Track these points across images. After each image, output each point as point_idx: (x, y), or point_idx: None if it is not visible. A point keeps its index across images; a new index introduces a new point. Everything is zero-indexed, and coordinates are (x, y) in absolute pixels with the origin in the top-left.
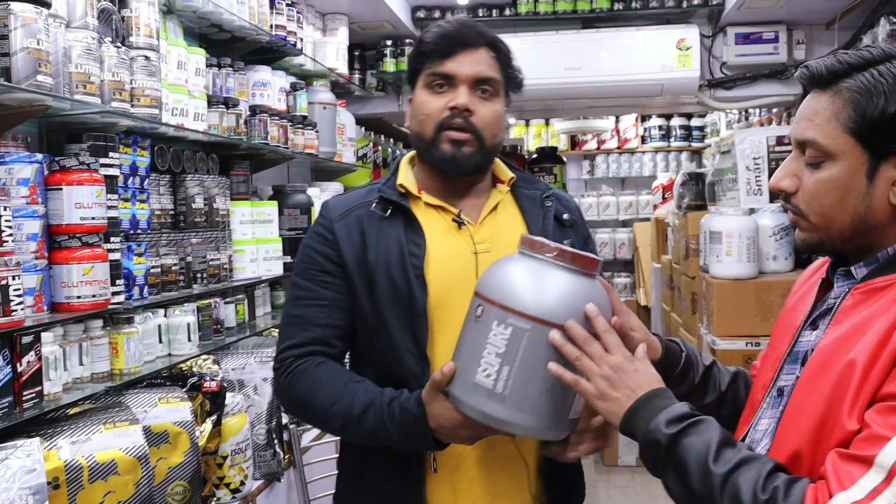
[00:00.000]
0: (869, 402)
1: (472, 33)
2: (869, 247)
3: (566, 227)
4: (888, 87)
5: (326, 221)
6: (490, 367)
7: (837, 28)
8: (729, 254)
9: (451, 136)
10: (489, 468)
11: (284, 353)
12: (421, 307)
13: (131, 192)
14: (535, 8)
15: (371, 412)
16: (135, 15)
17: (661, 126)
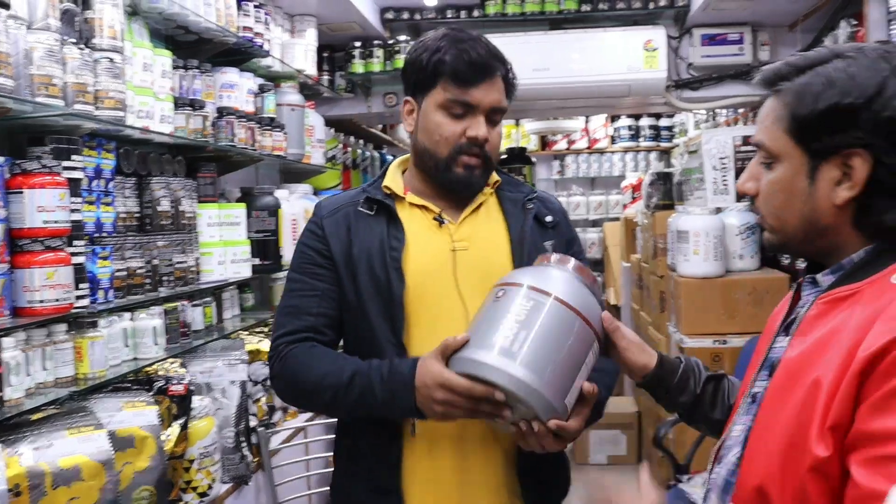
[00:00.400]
0: (834, 426)
1: (494, 62)
2: (830, 249)
3: (548, 229)
4: (820, 88)
5: (317, 219)
6: (508, 331)
7: (800, 30)
8: (696, 253)
9: (466, 162)
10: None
11: (278, 341)
12: (398, 298)
13: (96, 194)
14: (503, 9)
15: (358, 378)
16: (98, 16)
17: (631, 126)
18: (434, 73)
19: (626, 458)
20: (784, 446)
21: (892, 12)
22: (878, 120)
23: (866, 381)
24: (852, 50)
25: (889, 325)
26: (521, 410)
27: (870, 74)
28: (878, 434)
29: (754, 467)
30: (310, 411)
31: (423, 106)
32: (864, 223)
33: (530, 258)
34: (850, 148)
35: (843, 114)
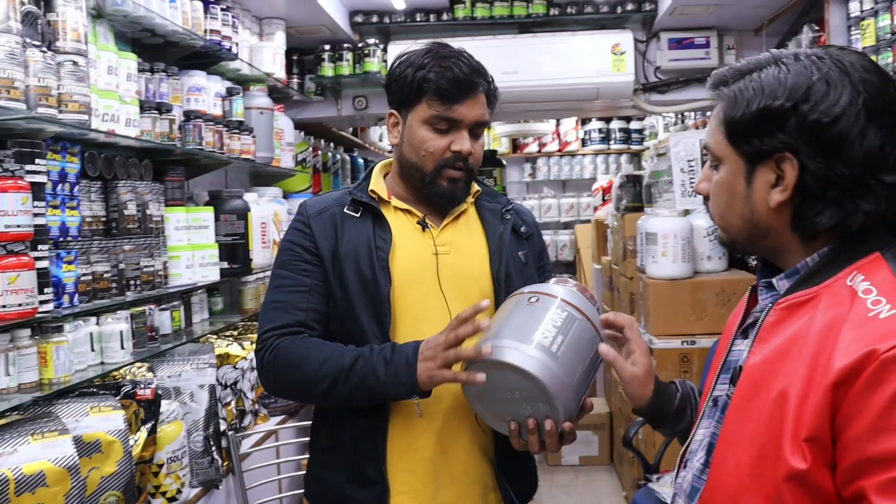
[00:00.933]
0: (809, 437)
1: (478, 78)
2: (774, 250)
3: (523, 239)
4: (752, 92)
5: (304, 218)
6: (548, 332)
7: (765, 34)
8: (664, 254)
9: (451, 175)
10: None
11: (267, 334)
12: (385, 295)
13: (60, 198)
14: (472, 13)
15: (360, 361)
16: (62, 19)
17: (601, 129)
18: (419, 90)
19: (599, 459)
20: (754, 457)
21: (851, 18)
22: (804, 124)
23: (845, 395)
24: (790, 56)
25: (859, 334)
26: (539, 408)
27: (799, 79)
28: (882, 457)
29: (724, 476)
30: (300, 401)
31: (408, 120)
32: (799, 226)
33: (507, 265)
34: (779, 151)
35: (771, 117)
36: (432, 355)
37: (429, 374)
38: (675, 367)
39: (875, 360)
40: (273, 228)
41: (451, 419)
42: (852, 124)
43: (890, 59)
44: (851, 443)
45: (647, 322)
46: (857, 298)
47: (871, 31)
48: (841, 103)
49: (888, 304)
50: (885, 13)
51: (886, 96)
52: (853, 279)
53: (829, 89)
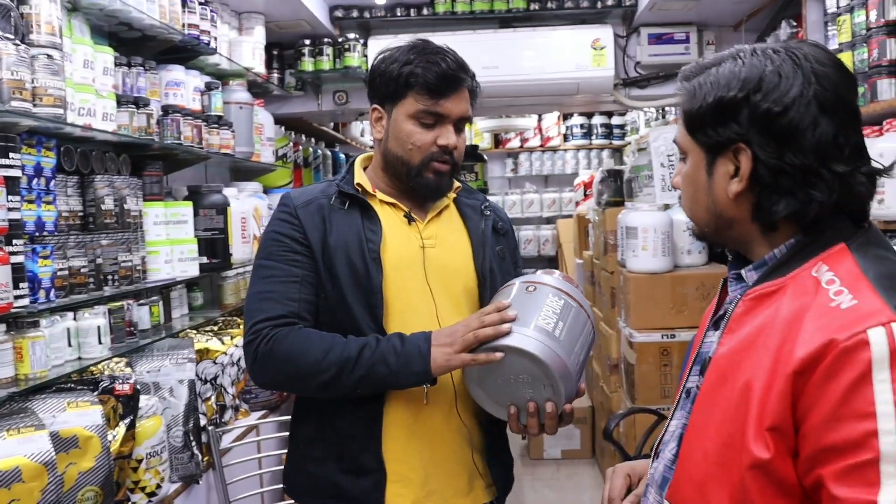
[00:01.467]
0: (772, 427)
1: (463, 73)
2: (740, 240)
3: (500, 235)
4: (709, 86)
5: (290, 208)
6: (550, 318)
7: (744, 30)
8: (645, 248)
9: (437, 168)
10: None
11: (260, 325)
12: (377, 286)
13: (36, 193)
14: (452, 7)
15: (367, 350)
16: (35, 12)
17: (583, 124)
18: (406, 85)
19: (581, 453)
20: (720, 446)
21: (828, 14)
22: (756, 114)
23: (805, 384)
24: (748, 50)
25: (820, 324)
26: (541, 391)
27: (752, 72)
28: (840, 445)
29: (691, 465)
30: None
31: (394, 115)
32: (759, 217)
33: (489, 260)
34: (734, 142)
35: (725, 108)
36: (450, 341)
37: (446, 358)
38: (656, 360)
39: (834, 349)
40: (253, 223)
41: (444, 405)
42: (803, 114)
43: (865, 55)
44: (811, 432)
45: (628, 316)
46: (820, 289)
47: (847, 26)
48: (791, 94)
49: (850, 294)
50: (861, 9)
51: (841, 88)
52: (818, 270)
53: (781, 80)
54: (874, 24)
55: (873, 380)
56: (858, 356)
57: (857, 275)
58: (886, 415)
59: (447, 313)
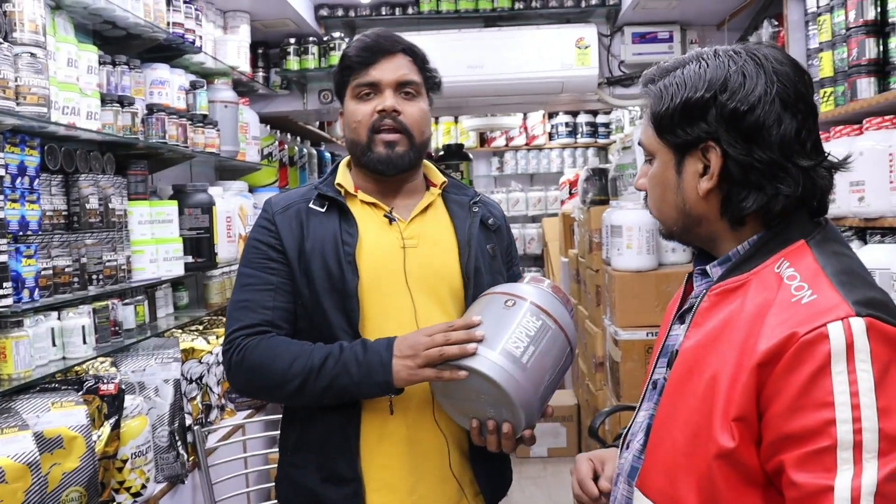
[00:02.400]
0: (738, 417)
1: (390, 41)
2: (708, 237)
3: (491, 232)
4: (675, 87)
5: (269, 215)
6: (520, 342)
7: (727, 29)
8: (629, 246)
9: (385, 139)
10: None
11: (234, 335)
12: (353, 290)
13: (20, 192)
14: (437, 7)
15: (331, 360)
16: (18, 10)
17: (568, 123)
18: (343, 72)
19: (567, 451)
20: (688, 436)
21: (808, 14)
22: (723, 113)
23: (768, 375)
24: (710, 52)
25: (782, 318)
26: (501, 413)
27: (718, 72)
28: (800, 433)
29: (660, 454)
30: (271, 400)
31: (345, 104)
32: (727, 213)
33: (476, 259)
34: (703, 141)
35: (692, 108)
36: (412, 353)
37: (408, 372)
38: (641, 357)
39: (795, 342)
40: (239, 223)
41: (424, 413)
42: (768, 112)
43: (845, 54)
44: (772, 420)
45: (613, 313)
46: (782, 284)
47: (827, 26)
48: (756, 92)
49: (810, 289)
50: (841, 9)
51: (800, 86)
52: (780, 266)
53: (746, 80)
54: (853, 24)
55: (832, 371)
56: (818, 349)
57: (816, 271)
58: (843, 404)
59: (428, 315)
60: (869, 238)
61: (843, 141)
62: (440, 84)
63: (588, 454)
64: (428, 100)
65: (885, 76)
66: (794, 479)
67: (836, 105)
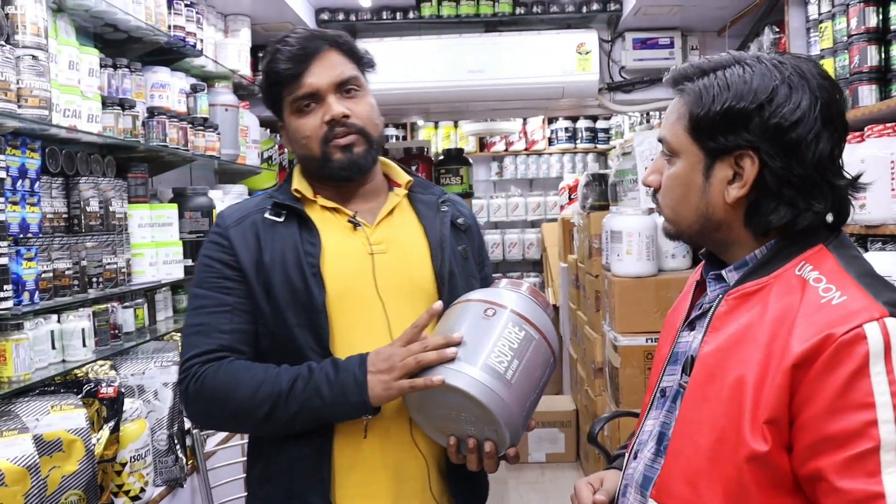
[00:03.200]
0: (769, 419)
1: (314, 41)
2: (724, 242)
3: (462, 232)
4: (717, 90)
5: (221, 229)
6: (504, 356)
7: (728, 35)
8: (629, 252)
9: (340, 144)
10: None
11: (189, 362)
12: (320, 305)
13: (20, 194)
14: (438, 11)
15: (300, 382)
16: (20, 13)
17: (568, 128)
18: (272, 88)
19: (565, 456)
20: (713, 441)
21: (810, 21)
22: (767, 125)
23: (803, 377)
24: (752, 58)
25: (814, 319)
26: (483, 431)
27: (763, 82)
28: (840, 436)
29: (681, 462)
30: (236, 431)
31: (285, 120)
32: (753, 222)
33: (450, 262)
34: (741, 149)
35: (736, 116)
36: (388, 367)
37: (385, 387)
38: (640, 363)
39: (832, 343)
40: None
41: (401, 434)
42: (810, 129)
43: (847, 62)
44: (809, 423)
45: (612, 319)
46: (808, 287)
47: (828, 33)
48: (801, 108)
49: (838, 291)
50: (842, 16)
51: (837, 104)
52: (802, 269)
53: (791, 93)
54: (855, 31)
55: (870, 372)
56: (856, 350)
57: (841, 273)
58: (884, 405)
59: (402, 326)
60: (870, 246)
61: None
62: (374, 62)
63: (586, 478)
64: None
65: (886, 83)
66: (837, 485)
67: None
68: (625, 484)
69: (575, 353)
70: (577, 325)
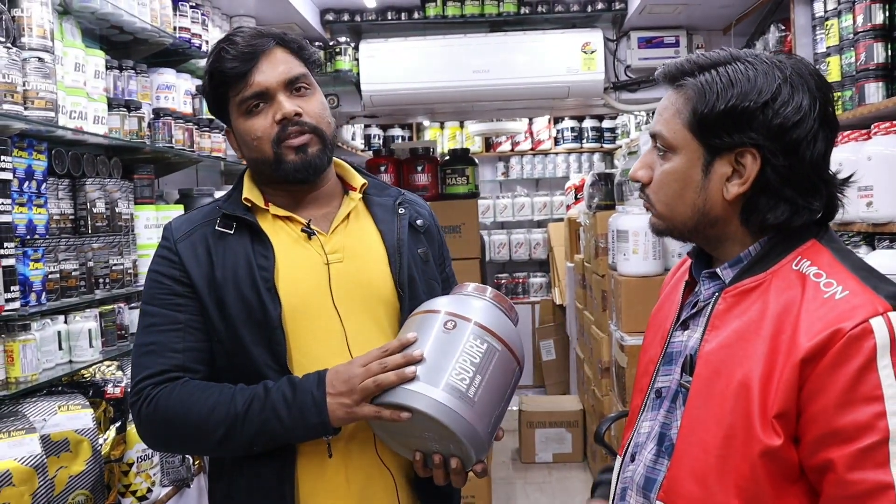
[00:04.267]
0: (779, 413)
1: (260, 39)
2: (718, 238)
3: (420, 234)
4: (721, 87)
5: (170, 243)
6: (466, 372)
7: (733, 34)
8: (635, 252)
9: (293, 144)
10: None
11: (142, 384)
12: (276, 321)
13: (27, 196)
14: (443, 11)
15: (256, 403)
16: (27, 15)
17: (574, 128)
18: (217, 90)
19: (572, 457)
20: (721, 438)
21: (816, 18)
22: (771, 125)
23: (812, 371)
24: (750, 56)
25: (819, 314)
26: (449, 448)
27: (766, 81)
28: (850, 428)
29: (689, 461)
30: (192, 454)
31: (233, 123)
32: (750, 219)
33: (409, 268)
34: (743, 146)
35: (741, 115)
36: (348, 389)
37: (347, 410)
38: None
39: (841, 338)
40: None
41: (367, 451)
42: (809, 129)
43: (853, 59)
44: (818, 415)
45: (619, 319)
46: (808, 281)
47: (834, 30)
48: (803, 108)
49: (839, 286)
50: (848, 13)
51: (832, 105)
52: (799, 264)
53: (793, 93)
54: (861, 28)
55: (878, 366)
56: (864, 344)
57: (838, 267)
58: (892, 397)
59: (361, 338)
60: (877, 244)
61: (850, 146)
62: (321, 61)
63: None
64: None
65: (893, 80)
66: (847, 477)
67: (844, 110)
68: (622, 487)
69: (582, 352)
70: (583, 325)
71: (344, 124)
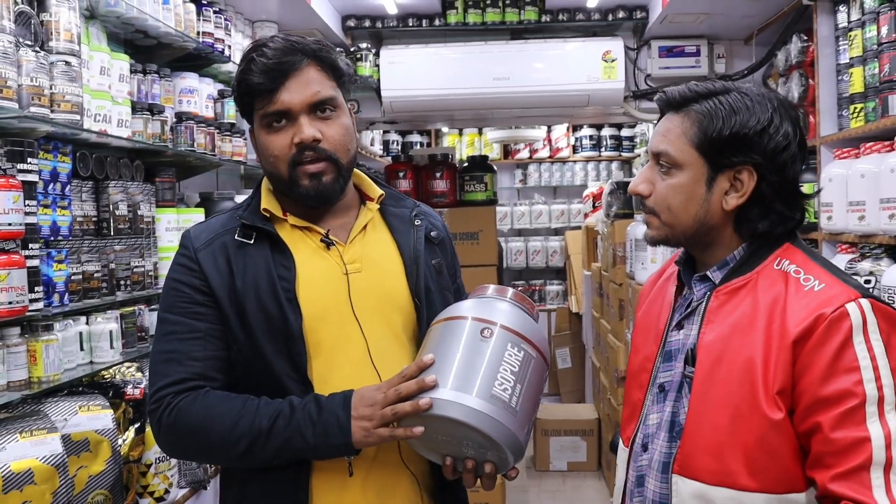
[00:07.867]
0: (780, 390)
1: (293, 55)
2: (710, 244)
3: (435, 246)
4: (725, 114)
5: (189, 252)
6: (507, 381)
7: (755, 43)
8: (654, 261)
9: (308, 171)
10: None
11: (162, 392)
12: (296, 331)
13: (52, 198)
14: (464, 18)
15: (282, 420)
16: (55, 19)
17: (592, 136)
18: (245, 98)
19: (587, 465)
20: (729, 417)
21: (839, 29)
22: (766, 148)
23: (801, 350)
24: (742, 87)
25: (803, 303)
26: (485, 455)
27: (761, 110)
28: (834, 395)
29: (701, 438)
30: (210, 463)
31: (254, 129)
32: (742, 227)
33: (425, 278)
34: (743, 165)
35: (745, 138)
36: (369, 414)
37: (366, 433)
38: None
39: (823, 321)
40: None
41: (386, 466)
42: (793, 151)
43: (877, 70)
44: (807, 387)
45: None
46: (790, 278)
47: (858, 41)
48: (789, 134)
49: (816, 279)
50: (872, 24)
51: (806, 131)
52: (780, 264)
53: (782, 121)
54: (885, 39)
55: (853, 342)
56: (842, 324)
57: (812, 265)
58: (866, 367)
59: (382, 349)
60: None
61: (873, 158)
62: (355, 79)
63: None
64: (348, 105)
65: None
66: (832, 436)
67: (867, 121)
68: (637, 475)
69: (598, 361)
70: (600, 334)
71: (363, 130)
